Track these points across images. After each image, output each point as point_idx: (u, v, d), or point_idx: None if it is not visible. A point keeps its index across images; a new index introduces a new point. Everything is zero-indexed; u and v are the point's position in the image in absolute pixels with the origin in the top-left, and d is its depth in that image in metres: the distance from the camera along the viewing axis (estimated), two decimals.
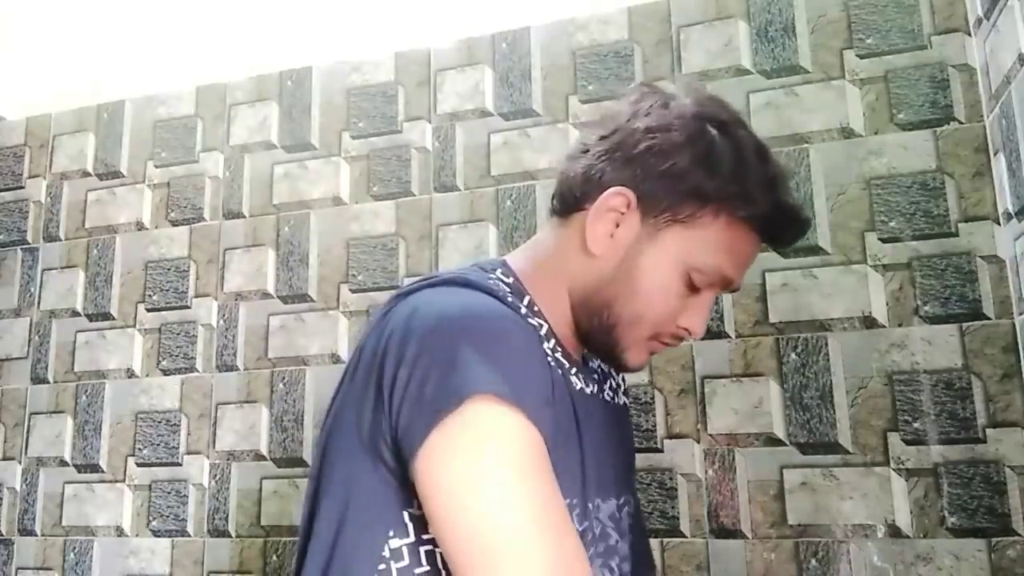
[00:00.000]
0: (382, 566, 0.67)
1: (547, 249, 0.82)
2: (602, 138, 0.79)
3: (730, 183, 0.74)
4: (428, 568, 0.67)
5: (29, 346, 1.84)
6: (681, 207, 0.75)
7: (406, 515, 0.67)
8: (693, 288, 0.76)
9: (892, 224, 1.35)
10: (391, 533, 0.67)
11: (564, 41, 1.60)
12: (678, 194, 0.75)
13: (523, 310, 0.75)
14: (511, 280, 0.78)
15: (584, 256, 0.78)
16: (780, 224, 0.79)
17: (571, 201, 0.80)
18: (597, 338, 0.79)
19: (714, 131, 0.75)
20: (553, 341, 0.77)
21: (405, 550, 0.67)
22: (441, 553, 0.65)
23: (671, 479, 1.38)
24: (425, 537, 0.67)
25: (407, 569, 0.67)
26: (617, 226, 0.77)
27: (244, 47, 1.84)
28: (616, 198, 0.76)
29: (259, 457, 1.62)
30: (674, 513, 1.36)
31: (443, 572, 0.66)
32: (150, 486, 1.68)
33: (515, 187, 1.57)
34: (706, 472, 1.37)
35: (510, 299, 0.74)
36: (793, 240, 0.83)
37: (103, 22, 1.98)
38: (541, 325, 0.76)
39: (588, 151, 0.80)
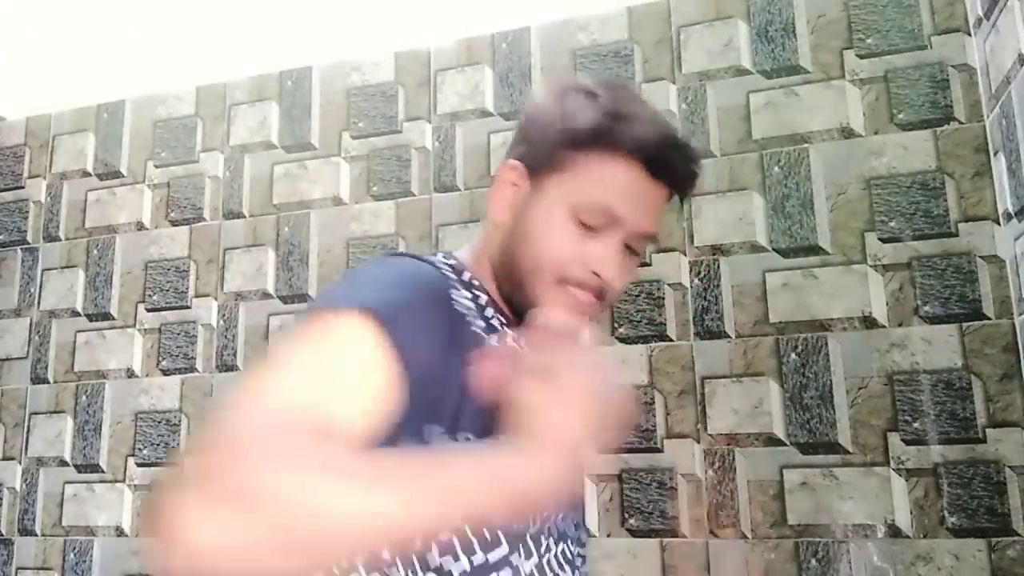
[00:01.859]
0: None
1: (478, 236, 0.89)
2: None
3: (601, 123, 0.79)
4: None
5: (29, 346, 1.84)
6: (557, 157, 0.81)
7: None
8: (587, 227, 0.79)
9: (892, 224, 1.35)
10: None
11: (564, 41, 1.60)
12: (552, 145, 0.81)
13: (458, 280, 0.81)
14: (452, 262, 0.85)
15: (494, 228, 0.85)
16: (662, 157, 0.79)
17: None
18: (517, 300, 0.82)
19: (585, 88, 0.82)
20: (493, 311, 0.82)
21: None
22: None
23: (671, 479, 1.38)
24: None
25: None
26: (512, 195, 0.84)
27: (244, 47, 1.84)
28: (507, 170, 0.85)
29: None
30: (674, 513, 1.36)
31: None
32: (150, 486, 1.68)
33: None
34: (706, 472, 1.37)
35: (446, 270, 0.81)
36: (685, 176, 0.82)
37: (103, 22, 1.98)
38: (478, 296, 0.81)
39: None
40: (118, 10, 1.98)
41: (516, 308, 0.82)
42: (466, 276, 0.83)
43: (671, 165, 0.80)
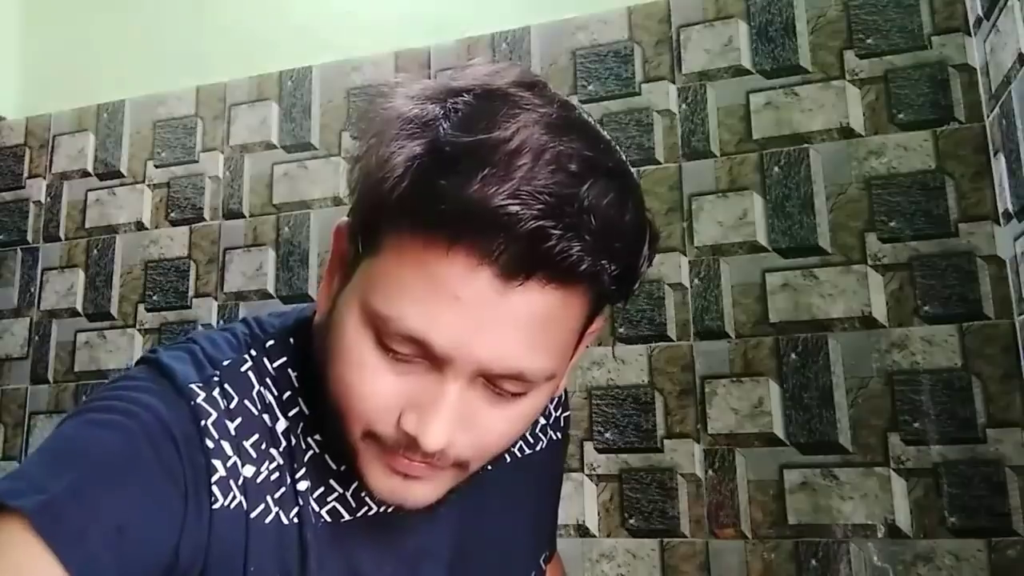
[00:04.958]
0: None
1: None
2: None
3: (413, 176, 0.47)
4: None
5: (29, 346, 1.84)
6: (365, 228, 0.51)
7: None
8: (391, 354, 0.49)
9: (892, 224, 1.35)
10: None
11: (564, 41, 1.60)
12: (361, 211, 0.52)
13: (277, 403, 0.57)
14: (279, 364, 0.59)
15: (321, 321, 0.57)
16: (455, 214, 0.45)
17: None
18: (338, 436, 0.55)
19: (431, 97, 0.51)
20: (310, 454, 0.57)
21: None
22: None
23: (671, 479, 1.38)
24: None
25: None
26: (340, 273, 0.55)
27: (244, 47, 1.84)
28: (336, 234, 0.56)
29: None
30: (674, 513, 1.36)
31: None
32: None
33: None
34: (706, 472, 1.37)
35: (233, 405, 0.55)
36: (529, 260, 0.45)
37: (103, 22, 1.98)
38: (290, 435, 0.57)
39: None
40: (118, 10, 1.98)
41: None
42: (288, 398, 0.57)
43: (526, 250, 0.45)
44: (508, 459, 0.70)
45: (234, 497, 0.53)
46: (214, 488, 0.52)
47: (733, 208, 1.43)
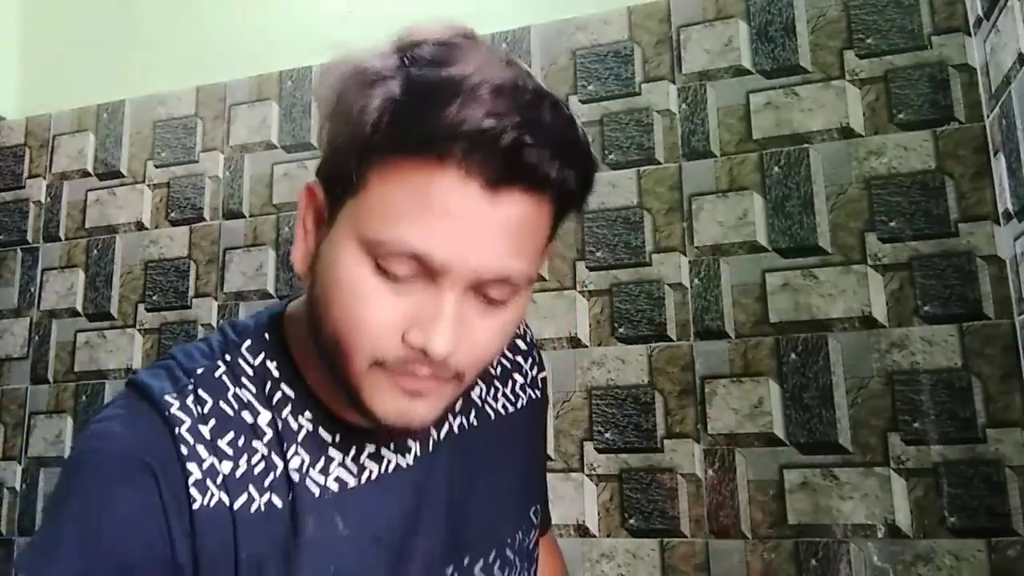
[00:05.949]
0: None
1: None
2: None
3: (391, 113, 0.53)
4: None
5: (29, 346, 1.84)
6: (349, 175, 0.55)
7: None
8: (390, 276, 0.54)
9: (892, 224, 1.35)
10: None
11: (564, 41, 1.60)
12: (339, 159, 0.57)
13: (258, 395, 0.62)
14: (259, 361, 0.63)
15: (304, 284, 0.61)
16: (490, 150, 0.50)
17: None
18: (335, 383, 0.59)
19: (390, 53, 0.58)
20: (303, 432, 0.62)
21: None
22: None
23: (671, 479, 1.38)
24: None
25: None
26: (313, 230, 0.60)
27: (244, 47, 1.84)
28: (303, 194, 0.61)
29: None
30: (674, 513, 1.36)
31: None
32: None
33: None
34: (706, 472, 1.37)
35: (207, 410, 0.59)
36: (510, 171, 0.51)
37: (103, 22, 1.98)
38: (276, 422, 0.61)
39: None
40: (118, 10, 1.99)
41: (354, 408, 0.59)
42: (269, 388, 0.62)
43: (506, 163, 0.51)
44: (493, 416, 0.76)
45: (212, 495, 0.57)
46: (192, 490, 0.56)
47: (733, 208, 1.43)
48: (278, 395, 0.62)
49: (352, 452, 0.63)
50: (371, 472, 0.64)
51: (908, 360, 1.30)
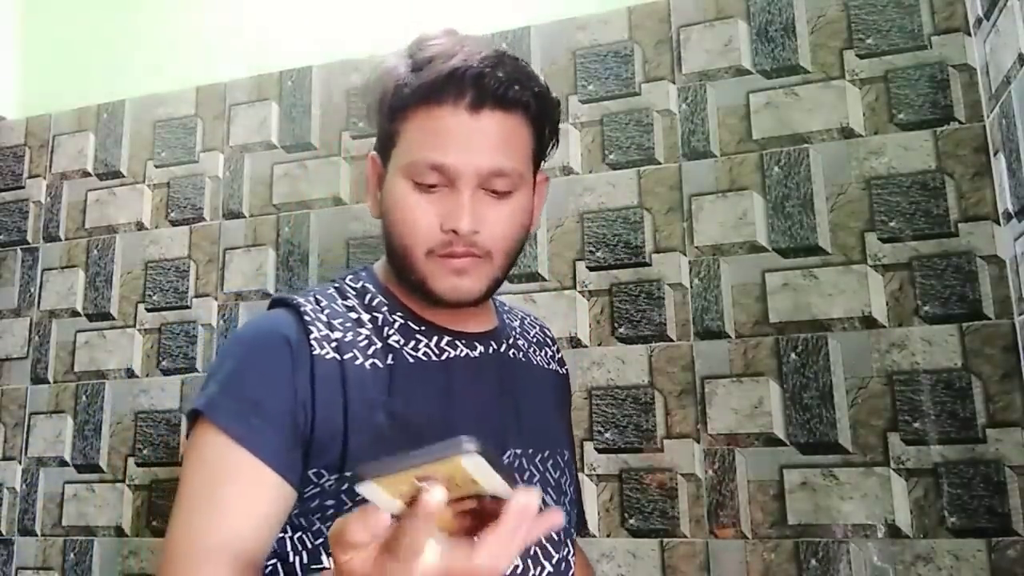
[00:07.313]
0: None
1: None
2: None
3: (404, 83, 0.81)
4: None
5: (29, 346, 1.84)
6: (390, 135, 0.83)
7: None
8: (427, 189, 0.79)
9: (892, 224, 1.35)
10: None
11: (564, 41, 1.60)
12: (385, 124, 0.84)
13: (360, 304, 0.85)
14: (359, 284, 0.88)
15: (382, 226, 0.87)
16: (460, 85, 0.78)
17: None
18: (410, 286, 0.84)
19: (405, 52, 0.85)
20: (401, 317, 0.85)
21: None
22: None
23: (671, 479, 1.38)
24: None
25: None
26: (377, 186, 0.87)
27: (244, 47, 1.84)
28: (368, 163, 0.89)
29: None
30: (674, 513, 1.36)
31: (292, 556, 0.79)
32: (151, 486, 1.68)
33: None
34: (706, 472, 1.37)
35: (323, 305, 0.83)
36: (497, 92, 0.78)
37: (103, 22, 1.98)
38: (376, 316, 0.84)
39: None
40: (118, 10, 1.99)
41: (426, 299, 0.84)
42: (368, 297, 0.86)
43: (475, 89, 0.77)
44: (534, 362, 0.98)
45: (328, 352, 0.79)
46: (312, 343, 0.78)
47: (733, 208, 1.43)
48: (376, 301, 0.86)
49: (434, 339, 0.85)
50: (448, 354, 0.85)
51: (908, 360, 1.30)
